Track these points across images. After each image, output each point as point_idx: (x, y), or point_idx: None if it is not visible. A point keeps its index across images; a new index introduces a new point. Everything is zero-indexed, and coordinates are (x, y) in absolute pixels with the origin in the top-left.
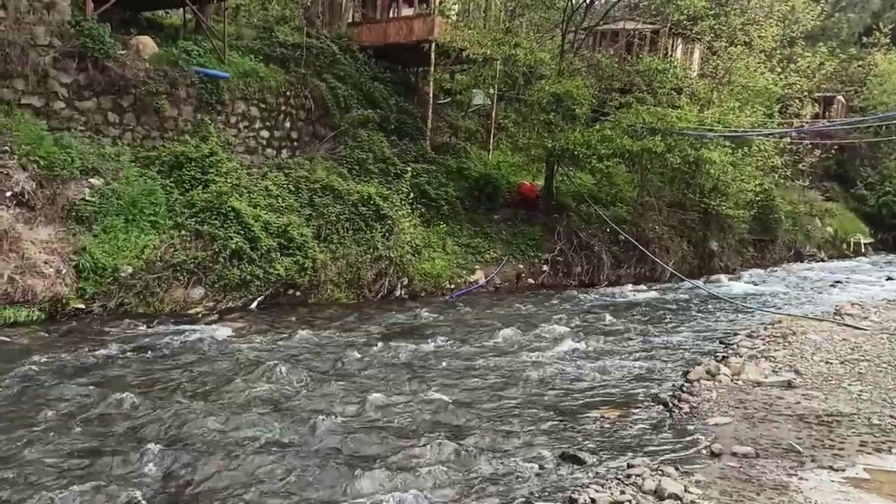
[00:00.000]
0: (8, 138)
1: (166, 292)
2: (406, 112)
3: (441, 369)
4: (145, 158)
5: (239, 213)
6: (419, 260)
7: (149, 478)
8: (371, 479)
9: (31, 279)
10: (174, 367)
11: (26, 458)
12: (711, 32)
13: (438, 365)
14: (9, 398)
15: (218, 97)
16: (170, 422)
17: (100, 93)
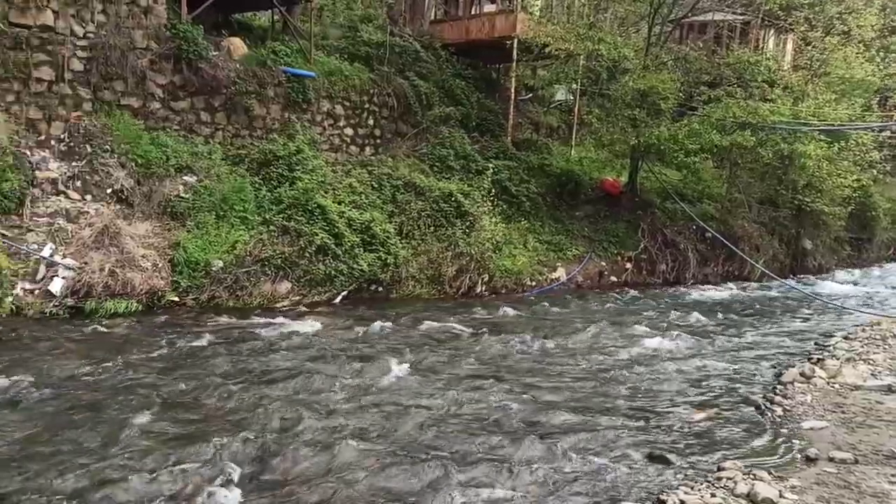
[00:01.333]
0: (109, 138)
1: (255, 286)
2: (487, 108)
3: (524, 366)
4: (235, 156)
5: (324, 209)
6: (500, 257)
7: (241, 464)
8: (457, 474)
9: (130, 272)
10: (263, 358)
11: (125, 443)
12: (806, 22)
13: (521, 362)
14: (109, 385)
15: (304, 96)
16: (260, 411)
17: (193, 93)
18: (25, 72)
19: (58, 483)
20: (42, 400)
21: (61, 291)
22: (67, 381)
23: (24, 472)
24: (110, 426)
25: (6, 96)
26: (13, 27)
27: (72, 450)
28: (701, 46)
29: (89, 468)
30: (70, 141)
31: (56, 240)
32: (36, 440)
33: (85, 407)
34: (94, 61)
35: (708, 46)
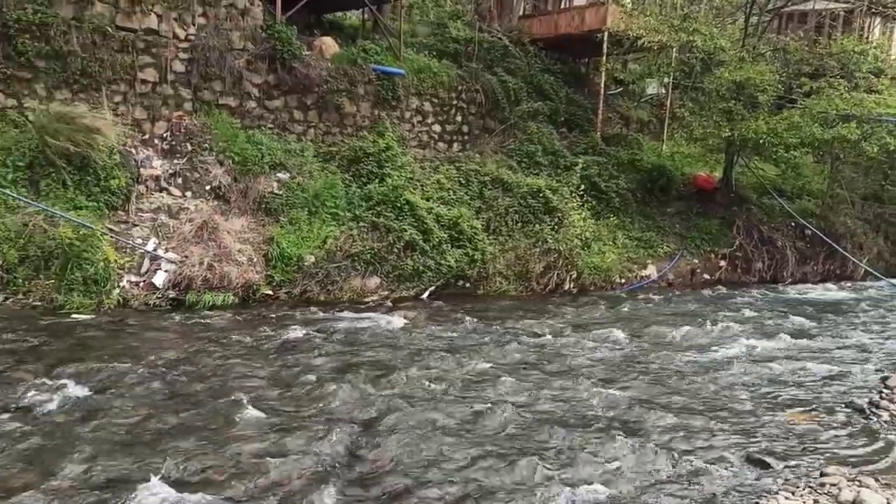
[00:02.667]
0: (208, 136)
1: (345, 281)
2: (576, 103)
3: (614, 364)
4: (326, 153)
5: (413, 205)
6: (588, 253)
7: (336, 453)
8: (547, 470)
9: (227, 266)
10: (353, 351)
11: (226, 430)
12: None
13: (611, 359)
14: (209, 374)
15: (394, 93)
16: (353, 402)
17: (286, 92)
18: (131, 73)
19: (163, 466)
20: (148, 386)
21: (164, 284)
22: (171, 369)
23: (133, 454)
24: (211, 414)
25: (114, 97)
26: (120, 31)
27: (176, 435)
28: (801, 36)
29: (193, 453)
30: (172, 139)
31: (159, 234)
32: (143, 425)
33: (187, 394)
34: (194, 62)
35: (808, 36)
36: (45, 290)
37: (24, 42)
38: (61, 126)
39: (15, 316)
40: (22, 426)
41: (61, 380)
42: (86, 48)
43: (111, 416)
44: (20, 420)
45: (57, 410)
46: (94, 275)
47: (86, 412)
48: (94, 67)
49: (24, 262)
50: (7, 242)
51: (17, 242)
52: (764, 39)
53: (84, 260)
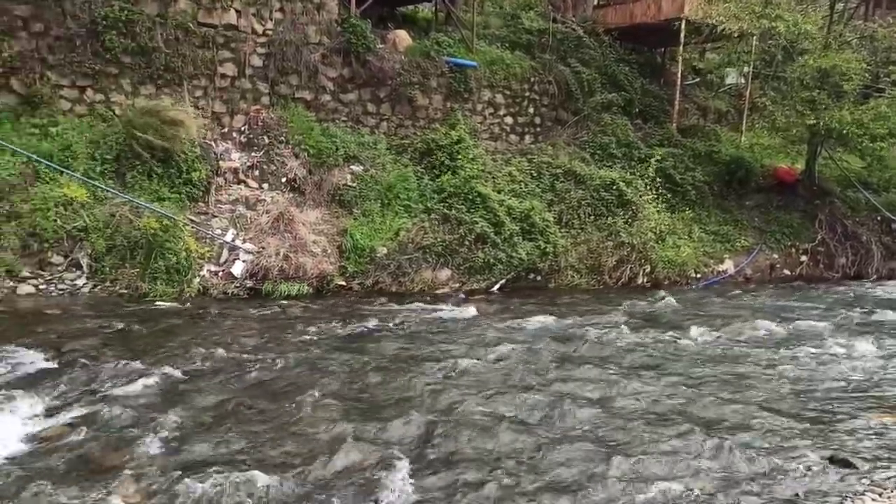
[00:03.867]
0: (284, 129)
1: (416, 273)
2: (651, 94)
3: (689, 360)
4: (399, 146)
5: (484, 198)
6: (663, 247)
7: (408, 441)
8: (621, 465)
9: (302, 257)
10: (425, 342)
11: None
12: None
13: (685, 355)
14: (285, 362)
15: (466, 86)
16: (424, 392)
17: (360, 85)
18: (212, 68)
19: (245, 448)
20: (227, 372)
21: (242, 274)
22: (249, 356)
23: (215, 437)
24: (288, 400)
25: (195, 92)
26: (201, 27)
27: (255, 419)
28: (890, 22)
29: (270, 437)
30: (249, 133)
31: (237, 225)
32: (223, 409)
33: (265, 381)
34: (271, 57)
35: None
36: (130, 279)
37: (111, 38)
38: (146, 120)
39: (103, 302)
40: (110, 408)
41: (146, 364)
42: (169, 44)
43: (193, 400)
44: (108, 402)
45: (142, 393)
46: (176, 264)
47: (169, 395)
48: (177, 63)
49: (111, 252)
50: (96, 232)
51: (104, 232)
52: (850, 26)
53: (167, 250)
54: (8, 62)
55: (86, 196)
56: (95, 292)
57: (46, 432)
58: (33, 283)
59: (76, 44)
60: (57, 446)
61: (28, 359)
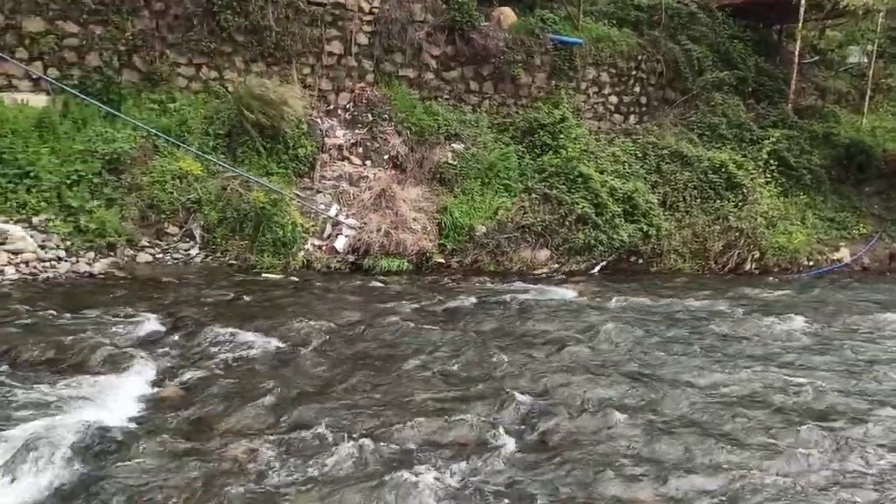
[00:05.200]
0: (387, 107)
1: (515, 252)
2: (766, 73)
3: (799, 349)
4: (500, 124)
5: (587, 178)
6: (773, 233)
7: (508, 421)
8: (727, 454)
9: (403, 234)
10: (523, 322)
11: (403, 391)
12: None
13: (796, 345)
14: (386, 336)
15: (570, 64)
16: (523, 372)
17: (464, 63)
18: (319, 46)
19: (348, 417)
20: (330, 344)
21: (344, 248)
22: (350, 329)
23: (320, 404)
24: (388, 373)
25: (303, 69)
26: (310, 5)
27: (359, 391)
28: None
29: (372, 408)
30: (354, 110)
31: (340, 201)
32: (326, 378)
33: (366, 354)
34: (377, 35)
35: None
36: (239, 250)
37: (226, 17)
38: (257, 97)
39: (214, 272)
40: (221, 372)
41: (254, 332)
42: (279, 22)
43: (298, 368)
44: (219, 367)
45: (250, 359)
46: (282, 237)
47: (276, 363)
48: (287, 41)
49: (222, 223)
50: (208, 204)
51: (216, 205)
52: None
53: (274, 223)
54: (131, 40)
55: (200, 170)
56: (207, 262)
57: (164, 393)
58: (151, 252)
59: (193, 23)
60: (173, 407)
61: (147, 323)
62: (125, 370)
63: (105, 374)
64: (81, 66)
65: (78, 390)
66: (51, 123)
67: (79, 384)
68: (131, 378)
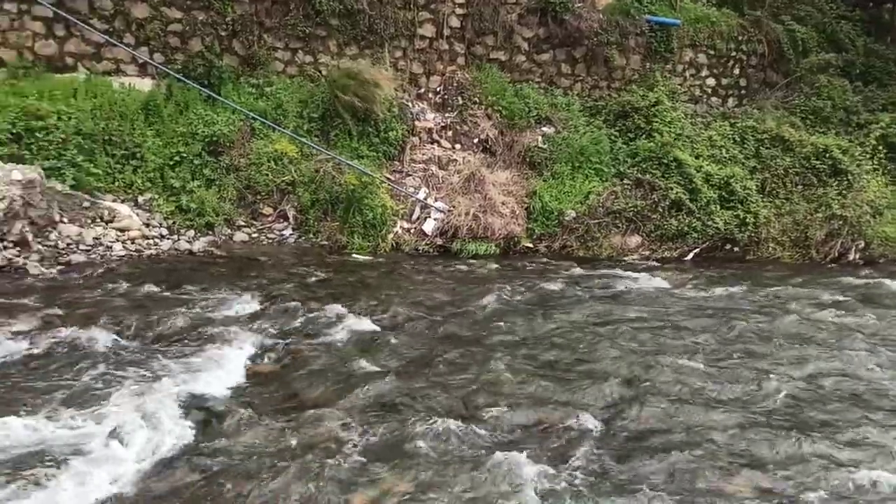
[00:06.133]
0: (478, 90)
1: (605, 238)
2: (876, 54)
3: None
4: (592, 108)
5: (681, 163)
6: (880, 222)
7: (595, 408)
8: (823, 447)
9: (491, 217)
10: (612, 308)
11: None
12: None
13: None
14: (473, 319)
15: (666, 45)
16: (611, 359)
17: (556, 45)
18: (411, 30)
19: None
20: (419, 325)
21: (433, 231)
22: (438, 310)
23: (409, 384)
24: (477, 356)
25: (395, 53)
26: None
27: (448, 372)
28: None
29: (461, 390)
30: (444, 93)
31: (429, 184)
32: (418, 360)
33: (454, 335)
34: (469, 18)
35: None
36: (331, 231)
37: (321, 1)
38: (348, 81)
39: (306, 252)
40: (313, 350)
41: (345, 312)
42: (373, 6)
43: (388, 348)
44: (311, 345)
45: (341, 338)
46: (372, 219)
47: (366, 342)
48: (380, 24)
49: (314, 205)
50: (302, 186)
51: (309, 187)
52: None
53: (365, 205)
54: (231, 25)
55: (294, 152)
56: (300, 242)
57: (260, 368)
58: (247, 232)
59: (290, 7)
60: (268, 381)
61: (244, 300)
62: (223, 345)
63: (205, 348)
64: (184, 50)
65: (179, 363)
66: (156, 107)
67: (180, 357)
68: (229, 353)
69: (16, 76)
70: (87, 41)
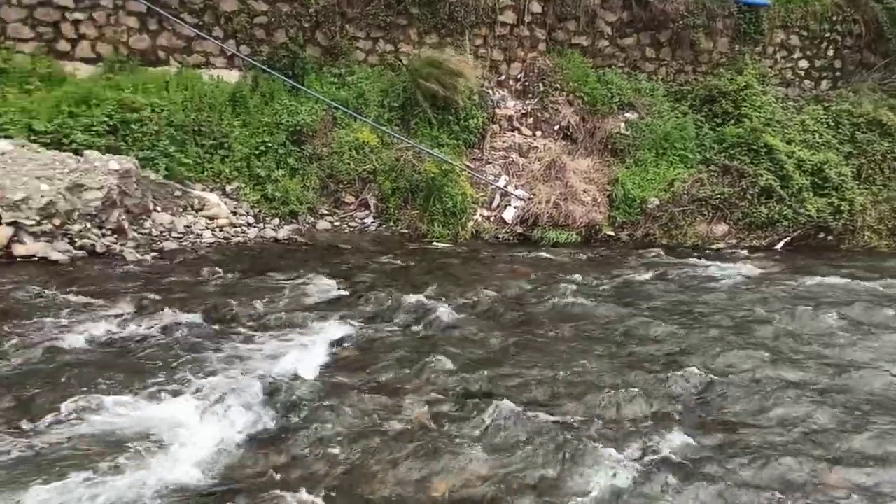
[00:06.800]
0: (559, 77)
1: (690, 226)
2: None
3: None
4: (677, 93)
5: (771, 149)
6: None
7: (684, 398)
8: None
9: (572, 205)
10: (697, 298)
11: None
12: None
13: None
14: (552, 306)
15: (756, 27)
16: (695, 348)
17: (640, 29)
18: (492, 17)
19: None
20: (498, 312)
21: (512, 219)
22: (518, 298)
23: (490, 371)
24: (557, 344)
25: (475, 40)
26: None
27: (529, 361)
28: None
29: (541, 378)
30: (525, 80)
31: (509, 172)
32: (494, 346)
33: (534, 323)
34: (550, 3)
35: None
36: (411, 219)
37: None
38: (429, 70)
39: (387, 240)
40: (395, 335)
41: (426, 299)
42: None
43: (468, 336)
44: (393, 330)
45: (422, 324)
46: (452, 207)
47: (447, 329)
48: (460, 12)
49: (395, 193)
50: (382, 175)
51: (390, 175)
52: None
53: (445, 193)
54: (314, 17)
55: (375, 141)
56: (380, 230)
57: (342, 353)
58: (329, 220)
59: None
60: (351, 366)
61: (327, 287)
62: (308, 329)
63: (290, 332)
64: (269, 42)
65: (266, 346)
66: (242, 98)
67: (267, 341)
68: (313, 337)
69: (112, 70)
70: (178, 35)
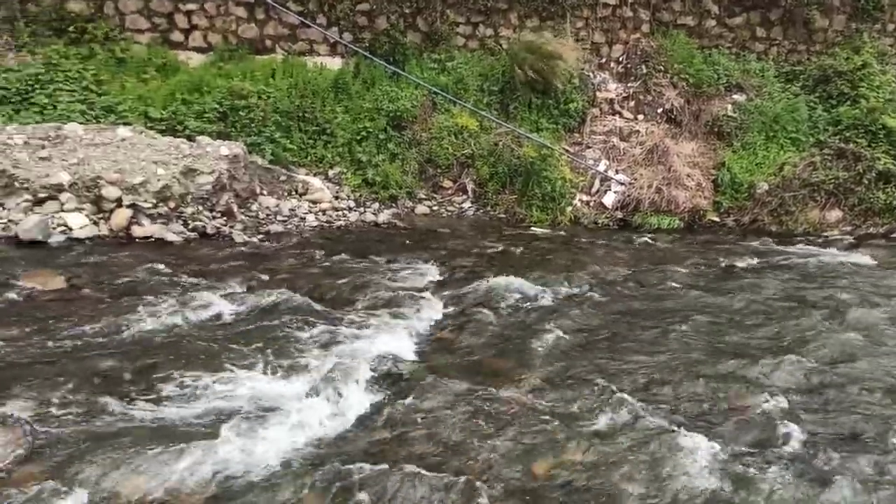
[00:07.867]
0: (662, 58)
1: (801, 212)
2: None
3: None
4: (789, 73)
5: (891, 130)
6: None
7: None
8: None
9: (675, 190)
10: (808, 287)
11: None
12: None
13: None
14: (653, 293)
15: (876, 3)
16: (810, 341)
17: (749, 8)
18: None
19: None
20: (598, 299)
21: (613, 204)
22: (619, 285)
23: (588, 357)
24: (659, 333)
25: (576, 23)
26: None
27: (628, 348)
28: None
29: (643, 368)
30: (627, 62)
31: (609, 156)
32: (595, 333)
33: (635, 310)
34: None
35: None
36: (509, 204)
37: None
38: (528, 53)
39: (484, 225)
40: (493, 319)
41: (524, 283)
42: None
43: (566, 321)
44: (490, 314)
45: (520, 309)
46: (551, 192)
47: (546, 315)
48: None
49: (492, 178)
50: (481, 159)
51: (488, 160)
52: None
53: (543, 178)
54: (415, 3)
55: (474, 125)
56: (478, 215)
57: (442, 335)
58: (427, 204)
59: None
60: (450, 348)
61: (426, 270)
62: (408, 311)
63: (391, 313)
64: (371, 29)
65: (369, 327)
66: (344, 84)
67: (369, 321)
68: (414, 319)
69: (222, 59)
70: (283, 24)
